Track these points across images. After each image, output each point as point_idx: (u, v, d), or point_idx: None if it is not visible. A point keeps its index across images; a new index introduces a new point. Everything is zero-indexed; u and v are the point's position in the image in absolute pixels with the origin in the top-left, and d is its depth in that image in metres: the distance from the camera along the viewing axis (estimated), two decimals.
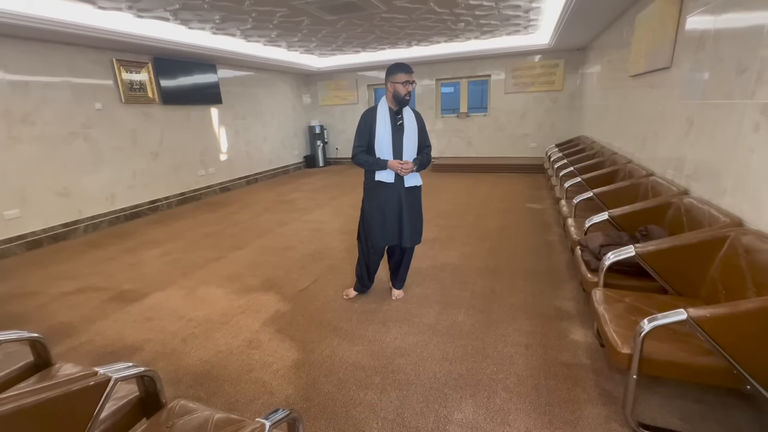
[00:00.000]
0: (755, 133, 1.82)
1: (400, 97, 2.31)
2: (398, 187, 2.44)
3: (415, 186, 2.50)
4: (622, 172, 3.56)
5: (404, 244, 2.54)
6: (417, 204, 2.57)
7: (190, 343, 2.32)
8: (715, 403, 1.65)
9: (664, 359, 1.46)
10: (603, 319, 1.70)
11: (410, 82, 2.29)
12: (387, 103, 2.38)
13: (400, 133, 2.38)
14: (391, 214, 2.48)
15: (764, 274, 1.53)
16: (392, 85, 2.30)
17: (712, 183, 2.23)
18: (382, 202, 2.47)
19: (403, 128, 2.37)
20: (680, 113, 2.73)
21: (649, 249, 1.90)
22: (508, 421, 1.64)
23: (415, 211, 2.55)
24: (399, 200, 2.46)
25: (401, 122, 2.37)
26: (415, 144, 2.43)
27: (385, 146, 2.37)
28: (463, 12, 4.86)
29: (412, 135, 2.40)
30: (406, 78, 2.27)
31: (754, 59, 1.88)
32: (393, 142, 2.37)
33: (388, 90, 2.35)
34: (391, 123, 2.36)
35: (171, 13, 4.31)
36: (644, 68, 3.51)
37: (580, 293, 2.68)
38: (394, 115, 2.38)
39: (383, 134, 2.35)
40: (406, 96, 2.30)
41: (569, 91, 7.64)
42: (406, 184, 2.45)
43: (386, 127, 2.35)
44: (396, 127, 2.37)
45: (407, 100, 2.33)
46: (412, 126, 2.41)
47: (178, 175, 6.14)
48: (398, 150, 2.40)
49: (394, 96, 2.33)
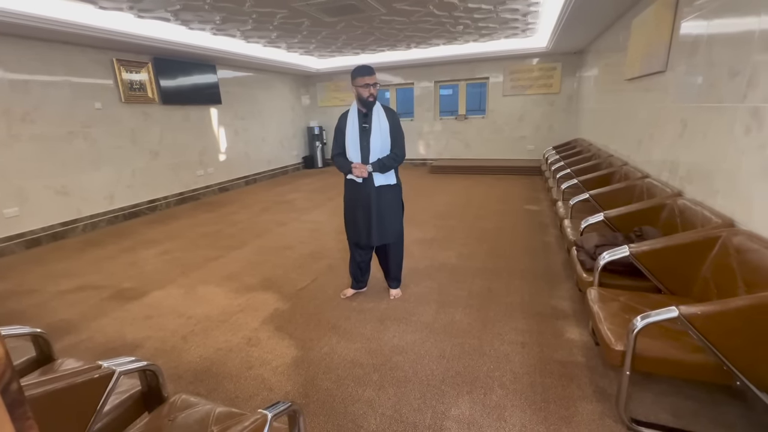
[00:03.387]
0: (746, 136, 1.86)
1: (363, 99, 2.36)
2: (368, 185, 2.48)
3: (386, 185, 2.52)
4: (618, 174, 3.60)
5: (372, 243, 2.57)
6: (389, 203, 2.55)
7: (189, 341, 2.33)
8: (707, 400, 1.69)
9: (657, 356, 1.49)
10: (598, 318, 1.73)
11: (371, 85, 2.33)
12: (356, 105, 2.43)
13: (366, 135, 2.42)
14: (360, 213, 2.53)
15: (754, 273, 1.57)
16: (355, 88, 2.35)
17: (705, 185, 2.27)
18: (353, 201, 2.55)
19: (369, 131, 2.41)
20: (674, 116, 2.77)
21: (643, 249, 1.94)
22: (504, 417, 1.66)
23: (387, 210, 2.55)
24: (368, 199, 2.49)
25: (367, 125, 2.42)
26: (382, 144, 2.43)
27: (352, 148, 2.43)
28: (462, 15, 4.90)
29: (379, 136, 2.41)
30: (366, 80, 2.31)
31: (745, 64, 1.93)
32: (360, 144, 2.43)
33: (355, 94, 2.40)
34: (358, 125, 2.42)
35: (172, 14, 4.34)
36: (640, 72, 3.55)
37: (575, 293, 2.71)
38: (363, 116, 2.43)
39: (350, 137, 2.42)
40: (369, 98, 2.35)
41: (567, 94, 7.70)
42: (375, 183, 2.48)
43: (354, 130, 2.42)
44: (362, 129, 2.42)
45: (371, 101, 2.37)
46: (382, 127, 2.42)
47: (177, 175, 6.15)
48: (365, 151, 2.44)
49: (358, 98, 2.39)
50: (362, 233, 2.58)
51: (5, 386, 0.34)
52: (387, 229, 2.58)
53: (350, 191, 2.57)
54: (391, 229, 2.60)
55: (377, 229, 2.55)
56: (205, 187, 6.68)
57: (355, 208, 2.56)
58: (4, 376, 0.34)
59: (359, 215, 2.55)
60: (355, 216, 2.58)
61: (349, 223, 2.65)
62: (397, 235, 2.66)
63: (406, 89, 9.18)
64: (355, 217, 2.57)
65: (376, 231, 2.55)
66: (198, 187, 6.54)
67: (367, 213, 2.53)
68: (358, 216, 2.56)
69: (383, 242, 2.61)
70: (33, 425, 0.37)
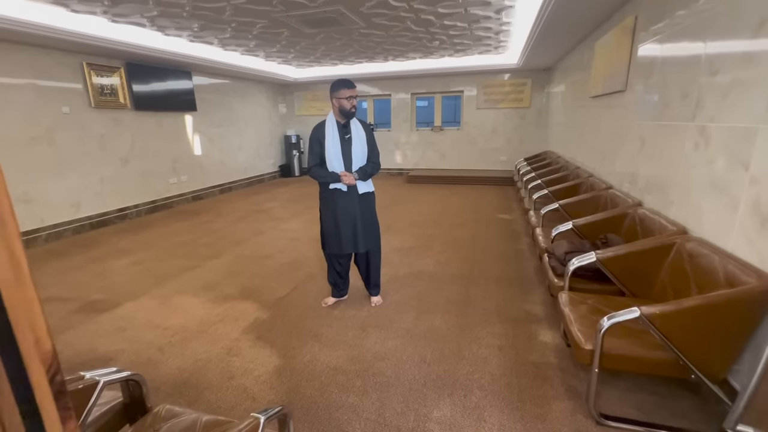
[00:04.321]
0: (695, 152, 2.06)
1: (345, 111, 2.43)
2: (353, 194, 2.55)
3: (368, 192, 2.61)
4: (585, 185, 3.83)
5: (358, 250, 2.63)
6: (371, 209, 2.66)
7: (167, 352, 2.28)
8: (667, 394, 1.82)
9: (622, 354, 1.62)
10: (568, 320, 1.84)
11: (354, 97, 2.42)
12: (334, 117, 2.49)
13: (348, 145, 2.50)
14: (345, 222, 2.57)
15: (705, 275, 1.73)
16: (337, 100, 2.42)
17: (661, 196, 2.47)
18: (338, 211, 2.56)
19: (351, 141, 2.50)
20: (634, 132, 3.00)
21: (608, 255, 2.09)
22: (484, 417, 1.73)
23: (369, 217, 2.65)
24: (354, 207, 2.56)
25: (349, 136, 2.50)
26: (363, 154, 2.54)
27: (334, 159, 2.49)
28: (438, 31, 5.10)
29: (359, 146, 2.52)
30: (350, 93, 2.39)
31: (693, 86, 2.14)
32: (342, 154, 2.50)
33: (333, 105, 2.46)
34: (339, 136, 2.48)
35: (148, 20, 4.27)
36: (602, 90, 3.82)
37: (547, 298, 2.85)
38: (342, 128, 2.50)
39: (332, 147, 2.47)
40: (351, 109, 2.43)
41: (536, 109, 8.08)
42: (359, 190, 2.56)
43: (335, 141, 2.47)
44: (344, 140, 2.50)
45: (353, 113, 2.46)
46: (360, 137, 2.52)
47: (149, 183, 5.97)
48: (348, 161, 2.52)
49: (340, 110, 2.44)
50: (348, 242, 2.60)
51: (53, 377, 0.37)
52: (370, 234, 2.65)
53: (332, 201, 2.58)
54: (373, 234, 2.68)
55: (363, 236, 2.61)
56: (178, 196, 6.50)
57: (337, 217, 2.57)
58: (52, 367, 0.37)
59: (344, 224, 2.57)
60: (338, 225, 2.59)
61: (329, 234, 2.63)
62: (377, 240, 2.73)
63: (384, 100, 9.34)
64: (338, 226, 2.59)
65: (362, 237, 2.60)
66: (171, 196, 6.37)
67: (352, 221, 2.57)
68: (342, 225, 2.58)
69: (368, 248, 2.67)
70: (72, 415, 0.40)
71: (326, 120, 2.52)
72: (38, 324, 0.36)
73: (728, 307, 1.42)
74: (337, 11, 4.07)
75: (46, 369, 0.37)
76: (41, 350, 0.36)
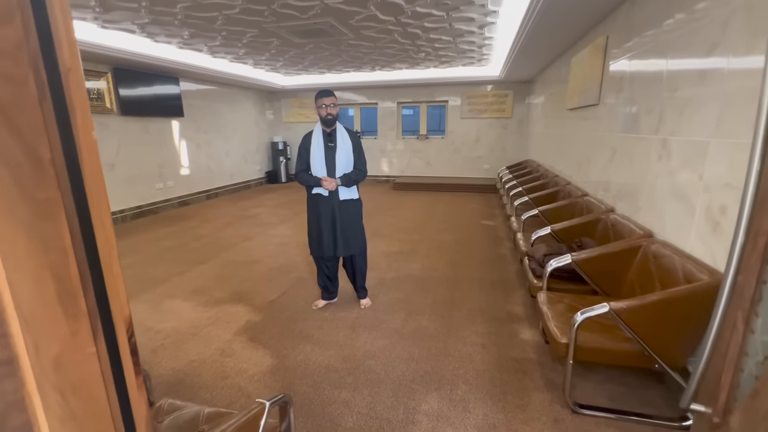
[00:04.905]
0: (659, 162, 2.25)
1: (322, 118, 2.57)
2: (333, 199, 2.66)
3: (350, 199, 2.72)
4: (563, 192, 4.04)
5: (337, 253, 2.73)
6: (353, 215, 2.75)
7: (160, 354, 2.32)
8: (635, 384, 1.98)
9: (594, 346, 1.76)
10: (546, 317, 1.99)
11: (328, 105, 2.54)
12: (320, 126, 2.63)
13: (332, 152, 2.63)
14: (325, 226, 2.68)
15: (667, 274, 1.90)
16: (316, 110, 2.58)
17: (631, 202, 2.66)
18: (320, 214, 2.67)
19: (335, 149, 2.63)
20: (606, 143, 3.21)
21: (582, 257, 2.25)
22: (469, 409, 1.85)
23: (351, 223, 2.74)
24: (333, 212, 2.67)
25: (333, 144, 2.63)
26: (347, 162, 2.66)
27: (318, 164, 2.62)
28: (424, 44, 5.29)
29: (344, 154, 2.64)
30: (325, 101, 2.54)
31: (656, 101, 2.34)
32: (326, 161, 2.63)
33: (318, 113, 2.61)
34: (323, 143, 2.62)
35: (138, 27, 4.31)
36: (578, 103, 4.05)
37: (528, 299, 3.00)
38: (327, 136, 2.64)
39: (316, 153, 2.61)
40: (327, 116, 2.56)
41: (518, 119, 8.38)
42: (340, 197, 2.67)
43: (319, 148, 2.61)
44: (328, 147, 2.63)
45: (329, 119, 2.57)
46: (345, 146, 2.65)
47: (135, 188, 5.93)
48: (331, 167, 2.64)
49: (320, 119, 2.60)
50: (328, 245, 2.70)
51: (130, 337, 0.47)
52: (350, 240, 2.75)
53: (315, 205, 2.69)
54: (354, 240, 2.77)
55: (342, 241, 2.71)
56: (164, 201, 6.46)
57: (320, 221, 2.68)
58: (129, 329, 0.47)
59: (324, 228, 2.68)
60: (320, 229, 2.69)
61: (313, 237, 2.75)
62: (361, 246, 2.83)
63: (370, 108, 9.51)
64: (320, 230, 2.69)
65: (341, 242, 2.71)
66: (157, 201, 6.32)
67: (332, 225, 2.68)
68: (323, 229, 2.68)
69: (348, 253, 2.77)
70: (140, 371, 0.49)
71: (314, 129, 2.66)
72: (122, 295, 0.46)
73: (685, 301, 1.58)
74: (327, 23, 4.20)
75: (126, 329, 0.46)
76: (124, 315, 0.46)
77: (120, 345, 0.45)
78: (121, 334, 0.45)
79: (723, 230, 1.67)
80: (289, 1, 3.52)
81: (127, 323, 0.47)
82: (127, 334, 0.47)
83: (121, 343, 0.45)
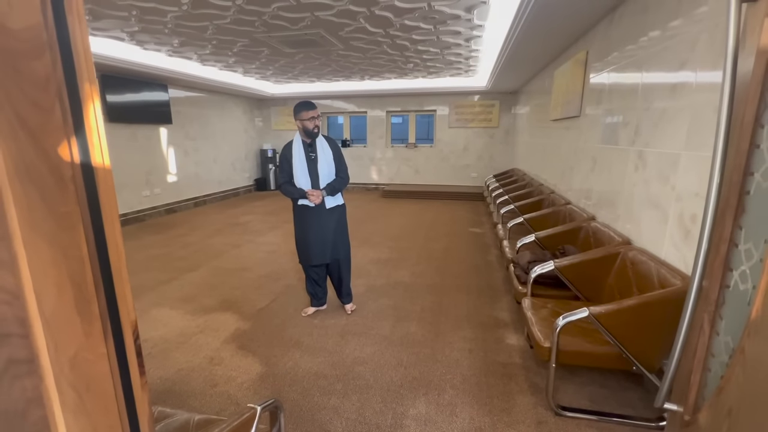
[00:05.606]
0: (635, 173, 2.36)
1: (309, 131, 2.57)
2: (320, 208, 2.69)
3: (335, 206, 2.76)
4: (547, 200, 4.15)
5: (327, 259, 2.77)
6: (339, 221, 2.80)
7: (148, 363, 2.30)
8: (615, 387, 2.05)
9: (576, 350, 1.83)
10: (531, 322, 2.05)
11: (315, 117, 2.56)
12: (300, 137, 2.63)
13: (314, 164, 2.65)
14: (314, 235, 2.70)
15: (643, 279, 1.99)
16: (300, 122, 2.56)
17: (610, 211, 2.77)
18: (306, 224, 2.70)
19: (316, 160, 2.65)
20: (587, 154, 3.33)
21: (564, 263, 2.33)
22: (456, 413, 1.89)
23: (338, 228, 2.79)
24: (319, 220, 2.70)
25: (314, 155, 2.65)
26: (329, 171, 2.69)
27: (301, 176, 2.64)
28: (412, 55, 5.41)
29: (325, 163, 2.66)
30: (311, 114, 2.54)
31: (633, 113, 2.46)
32: (309, 172, 2.65)
33: (298, 126, 2.60)
34: (305, 155, 2.63)
35: (128, 35, 4.32)
36: (561, 115, 4.19)
37: (513, 305, 3.07)
38: (308, 147, 2.65)
39: (299, 166, 2.62)
40: (314, 129, 2.57)
41: (504, 128, 8.56)
42: (327, 205, 2.70)
43: (301, 160, 2.62)
44: (310, 159, 2.65)
45: (316, 132, 2.60)
46: (326, 155, 2.67)
47: (121, 196, 5.86)
48: (314, 178, 2.67)
49: (304, 131, 2.58)
50: (317, 252, 2.73)
51: (135, 339, 0.51)
52: (338, 244, 2.80)
53: (302, 216, 2.71)
54: (341, 244, 2.82)
55: (331, 246, 2.76)
56: (150, 209, 6.40)
57: (307, 230, 2.70)
58: (135, 332, 0.51)
59: (312, 236, 2.70)
60: (307, 237, 2.72)
61: (301, 246, 2.78)
62: (347, 249, 2.89)
63: (359, 117, 9.60)
64: (308, 238, 2.71)
65: (330, 248, 2.76)
66: (143, 209, 6.26)
67: (320, 232, 2.71)
68: (311, 237, 2.71)
69: (336, 257, 2.81)
70: (144, 371, 0.53)
71: (293, 141, 2.66)
72: (129, 299, 0.50)
73: (659, 306, 1.66)
74: (318, 34, 4.27)
75: (132, 332, 0.50)
76: (130, 319, 0.50)
77: (127, 346, 0.49)
78: (128, 336, 0.49)
79: (693, 237, 1.76)
80: (280, 13, 3.58)
81: (134, 326, 0.50)
82: (133, 336, 0.50)
83: (128, 345, 0.49)
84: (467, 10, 3.57)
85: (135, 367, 0.50)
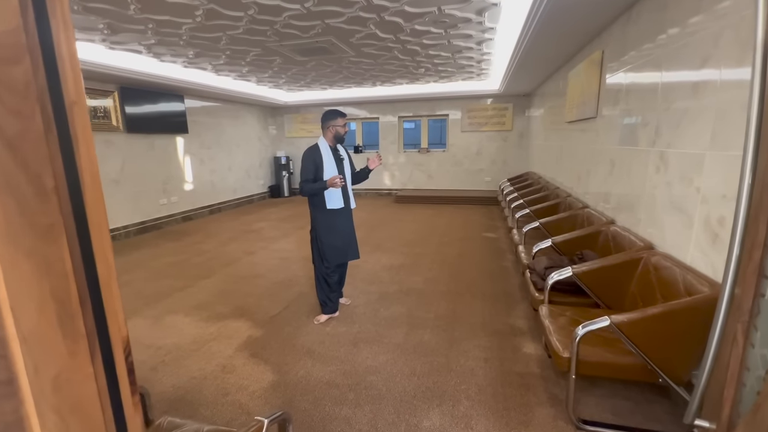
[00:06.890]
0: (657, 174, 2.27)
1: (340, 137, 2.84)
2: (347, 210, 2.91)
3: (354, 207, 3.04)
4: (563, 204, 4.04)
5: (357, 255, 3.02)
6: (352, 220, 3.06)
7: (160, 371, 2.31)
8: (640, 399, 1.95)
9: (596, 360, 1.75)
10: (549, 331, 1.97)
11: (347, 123, 2.85)
12: (326, 141, 2.83)
13: (342, 165, 2.90)
14: (347, 234, 2.93)
15: (667, 286, 1.89)
16: (333, 127, 2.80)
17: (630, 214, 2.66)
18: (338, 225, 2.87)
19: (343, 161, 2.91)
20: (605, 156, 3.23)
21: (583, 269, 2.25)
22: (471, 425, 1.82)
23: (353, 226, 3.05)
24: (348, 221, 2.93)
25: (342, 157, 2.92)
26: (351, 170, 3.00)
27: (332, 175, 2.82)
28: (424, 60, 5.39)
29: (348, 164, 2.97)
30: (344, 121, 2.83)
31: (652, 113, 2.37)
32: (338, 172, 2.86)
33: (328, 131, 2.82)
34: (334, 158, 2.84)
35: (145, 47, 4.43)
36: (576, 116, 4.09)
37: (530, 312, 2.98)
38: (334, 150, 2.87)
39: (330, 167, 2.80)
40: (344, 134, 2.86)
41: (518, 131, 8.44)
42: (351, 205, 2.94)
43: (331, 162, 2.82)
44: (338, 161, 2.88)
45: (344, 138, 2.89)
46: (347, 157, 2.98)
47: (139, 204, 5.99)
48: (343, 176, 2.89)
49: (335, 136, 2.83)
50: (352, 250, 2.97)
51: (126, 356, 0.48)
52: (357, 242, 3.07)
53: (333, 218, 2.85)
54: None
55: (356, 245, 3.02)
56: (167, 216, 6.52)
57: (342, 230, 2.89)
58: (126, 349, 0.48)
59: (343, 237, 2.89)
60: (343, 237, 2.89)
61: (334, 247, 2.88)
62: None
63: (372, 123, 9.62)
64: (343, 238, 2.90)
65: (356, 246, 3.01)
66: (160, 216, 6.38)
67: (350, 232, 2.95)
68: (345, 237, 2.91)
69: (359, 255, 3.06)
70: (137, 390, 0.50)
71: (319, 144, 2.81)
72: (120, 316, 0.47)
73: (686, 314, 1.57)
74: (329, 41, 4.30)
75: (123, 349, 0.48)
76: (122, 336, 0.47)
77: (117, 365, 0.47)
78: (119, 354, 0.47)
79: (722, 242, 1.67)
80: (291, 21, 3.62)
81: (125, 343, 0.48)
82: (125, 353, 0.48)
83: (119, 363, 0.47)
84: (478, 12, 3.53)
85: (126, 386, 0.48)
